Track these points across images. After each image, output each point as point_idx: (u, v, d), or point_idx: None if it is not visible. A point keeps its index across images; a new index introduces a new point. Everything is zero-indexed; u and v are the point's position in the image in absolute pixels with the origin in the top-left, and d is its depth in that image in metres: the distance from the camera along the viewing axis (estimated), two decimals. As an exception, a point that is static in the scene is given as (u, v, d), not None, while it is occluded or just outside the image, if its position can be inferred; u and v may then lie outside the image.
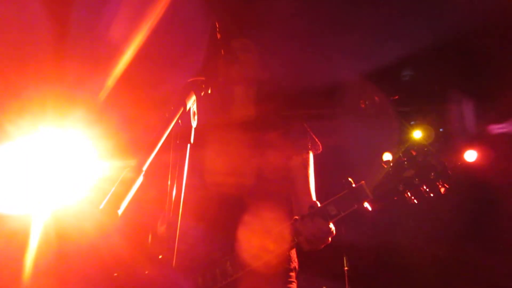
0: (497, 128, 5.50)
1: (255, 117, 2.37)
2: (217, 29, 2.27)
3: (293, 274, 2.15)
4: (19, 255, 4.00)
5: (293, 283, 2.14)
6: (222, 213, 2.06)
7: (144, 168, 1.21)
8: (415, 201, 1.90)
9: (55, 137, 4.31)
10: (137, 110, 4.30)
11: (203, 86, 1.62)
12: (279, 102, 2.49)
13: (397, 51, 4.56)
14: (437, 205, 5.66)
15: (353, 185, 1.88)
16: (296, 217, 1.89)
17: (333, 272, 5.52)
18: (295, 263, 2.17)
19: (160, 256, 1.77)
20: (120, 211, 1.08)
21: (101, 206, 1.10)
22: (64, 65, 3.98)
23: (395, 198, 1.92)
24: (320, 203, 1.91)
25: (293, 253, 2.21)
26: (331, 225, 1.88)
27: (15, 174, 4.13)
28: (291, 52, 4.37)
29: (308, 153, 2.33)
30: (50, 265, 4.13)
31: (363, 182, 1.88)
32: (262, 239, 1.89)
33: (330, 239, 1.91)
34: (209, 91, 1.66)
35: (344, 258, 5.39)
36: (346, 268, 5.34)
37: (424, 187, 1.87)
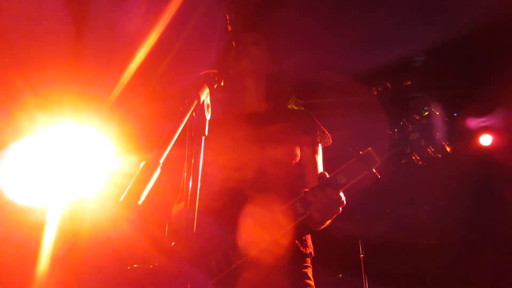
0: (478, 122, 5.48)
1: (264, 111, 2.38)
2: (228, 21, 2.28)
3: (308, 259, 2.17)
4: (35, 246, 4.09)
5: (309, 268, 2.15)
6: (225, 206, 2.09)
7: (161, 160, 1.24)
8: (422, 163, 1.89)
9: (72, 132, 4.38)
10: (152, 106, 4.34)
11: (216, 78, 1.65)
12: (288, 96, 2.50)
13: (410, 37, 4.53)
14: (452, 191, 5.64)
15: (361, 152, 1.87)
16: (306, 189, 1.90)
17: (349, 260, 5.54)
18: (310, 249, 2.18)
19: (172, 243, 1.81)
20: (140, 203, 1.11)
21: (121, 198, 1.13)
22: (81, 61, 4.03)
23: (403, 161, 1.91)
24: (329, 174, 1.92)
25: (309, 238, 2.22)
26: (341, 194, 1.87)
27: (33, 168, 4.21)
28: (301, 43, 4.36)
29: (317, 145, 2.34)
30: (66, 256, 4.22)
31: (370, 148, 1.87)
32: (272, 217, 1.90)
33: (341, 209, 1.90)
34: (222, 84, 1.68)
35: (360, 245, 5.39)
36: (362, 255, 5.35)
37: (431, 148, 1.86)
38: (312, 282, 2.11)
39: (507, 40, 4.61)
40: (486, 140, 5.79)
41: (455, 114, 5.65)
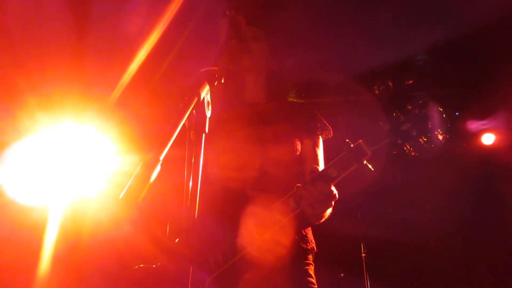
0: (478, 125, 5.47)
1: (264, 108, 2.38)
2: (229, 19, 2.28)
3: (310, 256, 2.16)
4: (37, 246, 4.09)
5: (310, 266, 2.14)
6: (226, 206, 2.08)
7: (161, 157, 1.23)
8: (415, 153, 1.88)
9: (73, 132, 4.38)
10: (153, 105, 4.34)
11: (216, 75, 1.64)
12: (288, 92, 2.50)
13: (412, 36, 4.53)
14: (454, 191, 5.63)
15: (351, 145, 1.86)
16: (299, 184, 1.90)
17: (350, 259, 5.53)
18: (312, 244, 2.18)
19: (176, 240, 1.80)
20: (139, 200, 1.11)
21: (121, 196, 1.12)
22: (82, 61, 4.04)
23: (394, 152, 1.89)
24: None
25: (309, 233, 2.21)
26: (333, 188, 1.87)
27: (34, 168, 4.22)
28: (302, 42, 4.36)
29: (318, 137, 2.33)
30: (67, 256, 4.21)
31: (360, 140, 1.86)
32: (267, 214, 1.90)
33: (333, 203, 1.91)
34: (222, 81, 1.68)
35: (362, 244, 5.39)
36: (363, 255, 5.35)
37: (423, 138, 1.85)
38: (314, 280, 2.10)
39: (510, 39, 4.60)
40: (488, 139, 5.78)
41: (457, 114, 5.64)
